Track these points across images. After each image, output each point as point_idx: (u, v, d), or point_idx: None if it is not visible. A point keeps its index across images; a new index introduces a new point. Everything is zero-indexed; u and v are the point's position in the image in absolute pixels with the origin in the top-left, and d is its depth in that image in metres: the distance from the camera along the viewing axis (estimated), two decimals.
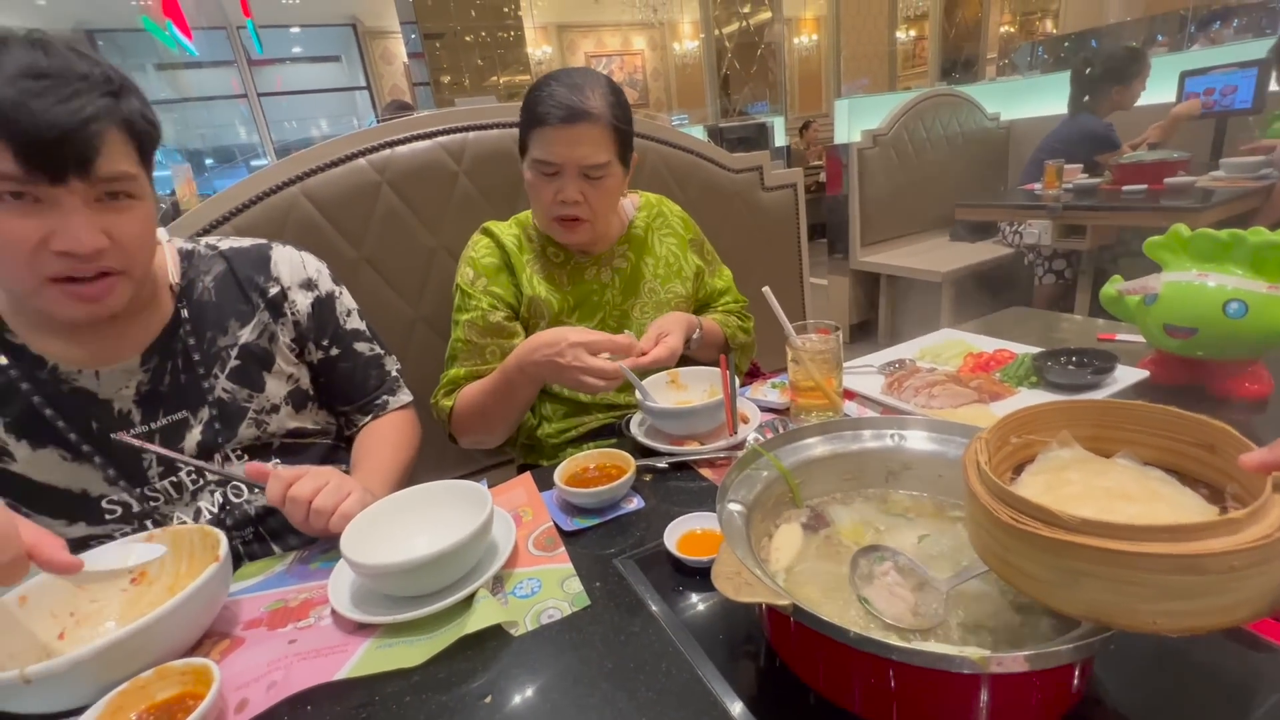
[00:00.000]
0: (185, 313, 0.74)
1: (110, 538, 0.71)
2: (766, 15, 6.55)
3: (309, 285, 0.83)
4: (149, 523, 0.72)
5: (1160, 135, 2.49)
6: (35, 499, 0.69)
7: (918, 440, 0.58)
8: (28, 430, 0.67)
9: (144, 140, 0.64)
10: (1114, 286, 0.87)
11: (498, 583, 0.60)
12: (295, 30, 8.18)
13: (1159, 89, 2.60)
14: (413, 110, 4.91)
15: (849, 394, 0.90)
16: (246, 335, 0.78)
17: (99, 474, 0.70)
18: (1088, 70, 2.55)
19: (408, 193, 1.17)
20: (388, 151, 1.16)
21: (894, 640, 0.37)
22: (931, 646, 0.36)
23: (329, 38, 8.37)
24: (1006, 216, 2.67)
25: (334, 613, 0.58)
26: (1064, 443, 0.47)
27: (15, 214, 0.57)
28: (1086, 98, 2.57)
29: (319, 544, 0.72)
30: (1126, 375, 0.84)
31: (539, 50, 8.27)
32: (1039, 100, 3.39)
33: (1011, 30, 6.60)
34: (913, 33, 7.28)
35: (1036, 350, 0.92)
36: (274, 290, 0.80)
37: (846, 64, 6.45)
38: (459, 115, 1.21)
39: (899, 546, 0.52)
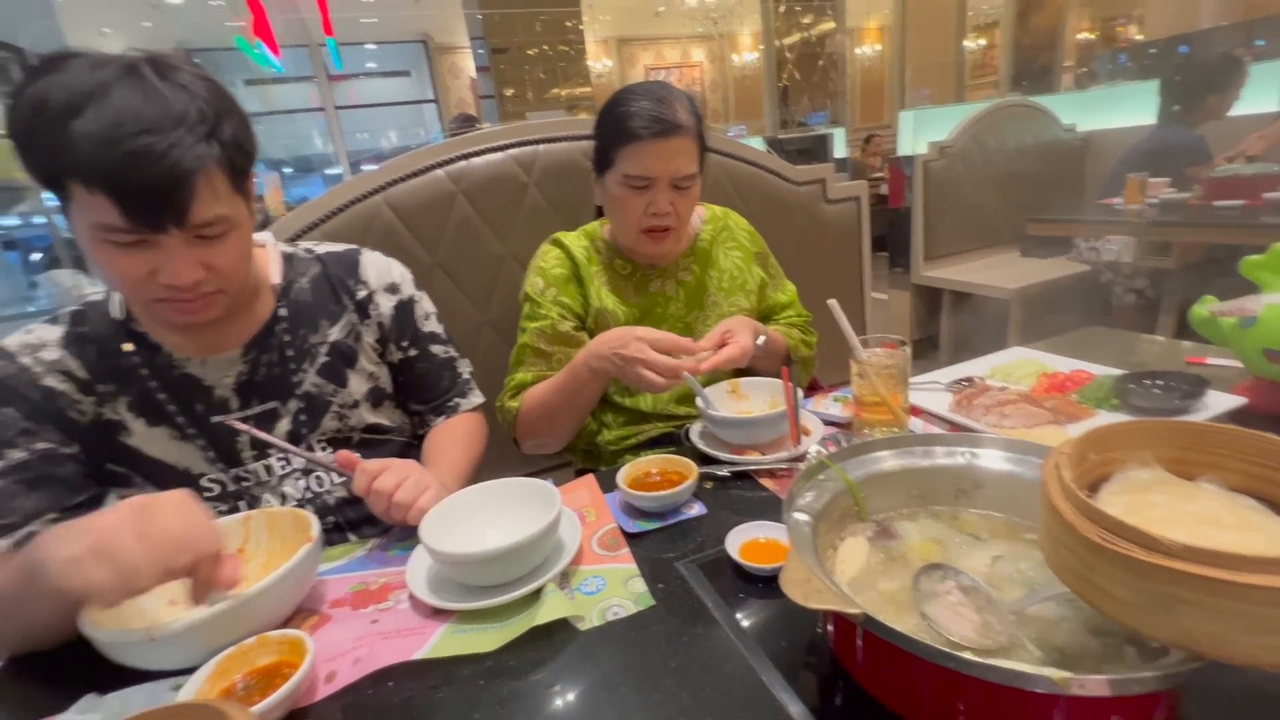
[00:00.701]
0: (283, 311, 0.81)
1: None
2: (829, 25, 6.49)
3: (393, 289, 0.88)
4: (241, 503, 0.78)
5: (1264, 147, 2.32)
6: (147, 471, 0.76)
7: (992, 459, 0.57)
8: (144, 409, 0.74)
9: (239, 170, 0.67)
10: (1206, 307, 0.82)
11: (564, 578, 0.63)
12: (370, 47, 8.64)
13: (1256, 98, 2.43)
14: (477, 122, 5.10)
15: (915, 410, 0.89)
16: (336, 334, 0.83)
17: (200, 454, 0.77)
18: (1179, 78, 2.41)
19: (480, 202, 1.23)
20: (463, 163, 1.22)
21: (969, 655, 0.37)
22: (1009, 664, 0.36)
23: (401, 53, 8.81)
24: (1083, 232, 2.55)
25: (412, 597, 0.62)
26: (1144, 463, 0.45)
27: (124, 254, 0.63)
28: (1177, 107, 2.43)
29: (396, 532, 0.76)
30: (1219, 401, 0.80)
31: (599, 63, 8.45)
32: (1120, 111, 3.22)
33: (1091, 37, 6.30)
34: (982, 41, 7.06)
35: (1117, 372, 0.89)
36: (362, 293, 0.86)
37: (912, 74, 6.30)
38: (530, 129, 1.26)
39: (971, 567, 0.52)
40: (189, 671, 0.52)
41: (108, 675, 0.55)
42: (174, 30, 6.85)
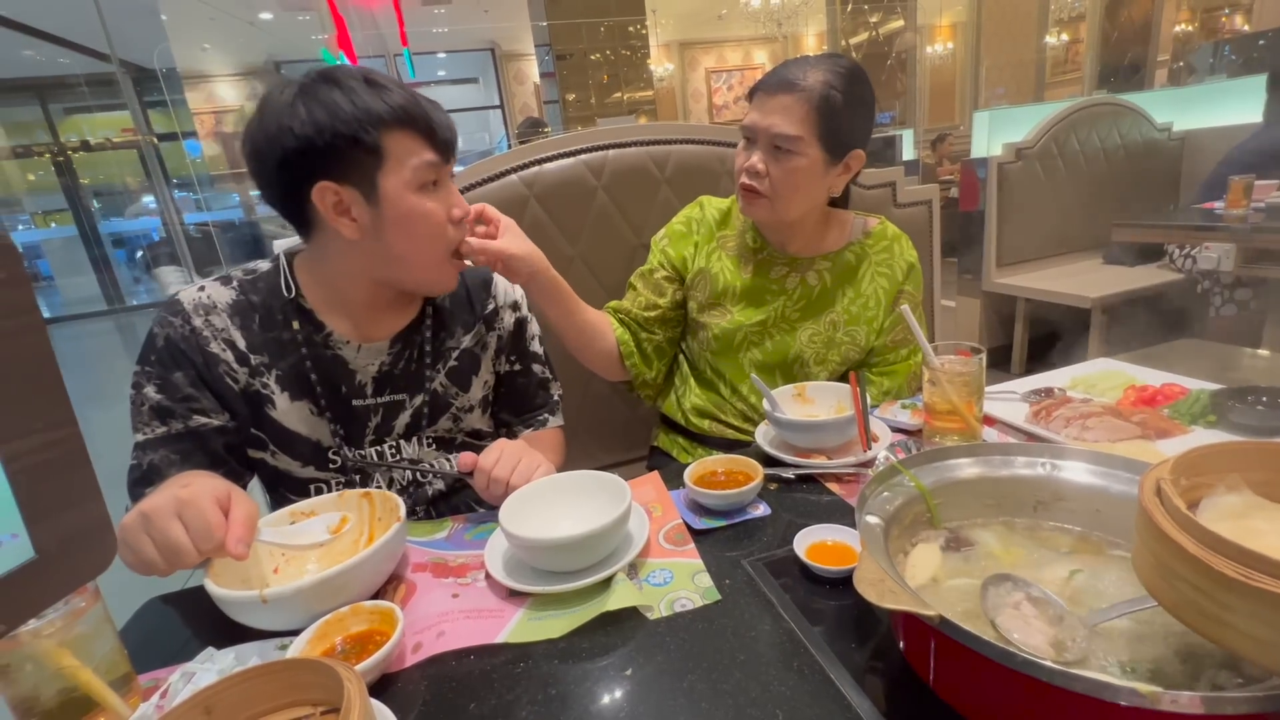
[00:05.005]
0: (429, 313, 0.88)
1: (328, 485, 0.84)
2: (898, 24, 6.30)
3: (515, 307, 0.96)
4: (357, 478, 0.85)
5: None
6: (283, 441, 0.82)
7: (1075, 471, 0.56)
8: (292, 384, 0.80)
9: None
10: None
11: (633, 569, 0.65)
12: (441, 55, 9.00)
13: None
14: (544, 125, 5.22)
15: (989, 420, 0.87)
16: (467, 342, 0.91)
17: (329, 430, 0.82)
18: None
19: (551, 206, 1.27)
20: (536, 168, 1.27)
21: (1050, 663, 0.36)
22: (1094, 674, 0.35)
23: (470, 61, 9.14)
24: (1177, 238, 2.39)
25: (489, 577, 0.65)
26: (1232, 487, 0.43)
27: (433, 198, 0.76)
28: None
29: (472, 517, 0.80)
30: None
31: (660, 67, 8.50)
32: (1222, 108, 3.00)
33: (1190, 29, 5.87)
34: (1065, 36, 6.69)
35: (1215, 386, 0.84)
36: (490, 307, 0.94)
37: (987, 73, 6.04)
38: (601, 134, 1.30)
39: (1047, 580, 0.51)
40: (293, 634, 0.57)
41: (224, 632, 0.61)
42: (266, 44, 7.35)
